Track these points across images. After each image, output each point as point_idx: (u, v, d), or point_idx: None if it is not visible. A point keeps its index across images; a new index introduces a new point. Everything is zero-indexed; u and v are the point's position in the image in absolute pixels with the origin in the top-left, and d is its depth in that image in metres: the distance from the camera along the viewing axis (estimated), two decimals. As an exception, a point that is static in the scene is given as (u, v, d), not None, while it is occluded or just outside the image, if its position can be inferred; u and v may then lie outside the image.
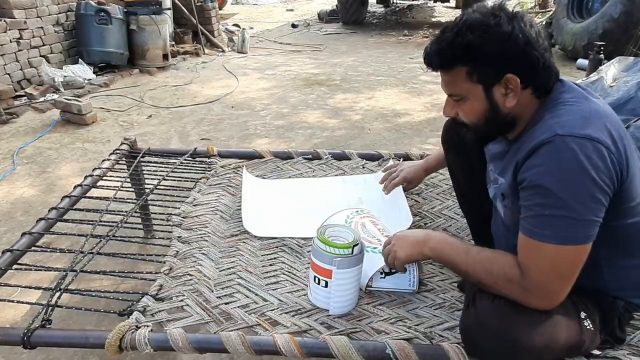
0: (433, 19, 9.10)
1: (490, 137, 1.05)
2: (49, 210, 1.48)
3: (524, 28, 0.89)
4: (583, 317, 0.93)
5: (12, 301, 1.21)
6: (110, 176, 1.76)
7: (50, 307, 1.12)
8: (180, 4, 6.01)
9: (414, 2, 10.53)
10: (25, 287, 1.25)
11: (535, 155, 0.86)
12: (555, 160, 0.83)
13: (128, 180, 1.78)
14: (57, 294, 1.15)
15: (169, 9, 5.83)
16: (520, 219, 0.90)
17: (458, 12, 8.81)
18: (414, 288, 1.19)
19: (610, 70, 3.37)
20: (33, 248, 1.35)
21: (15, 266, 1.28)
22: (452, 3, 9.96)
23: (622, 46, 4.39)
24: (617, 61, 3.44)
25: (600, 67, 3.66)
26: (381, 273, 1.19)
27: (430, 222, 1.54)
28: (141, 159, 1.86)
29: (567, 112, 0.87)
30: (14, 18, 4.16)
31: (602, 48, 4.08)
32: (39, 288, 1.23)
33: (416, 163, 1.61)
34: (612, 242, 0.92)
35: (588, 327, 0.93)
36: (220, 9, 7.81)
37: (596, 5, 5.48)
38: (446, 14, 9.62)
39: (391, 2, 10.47)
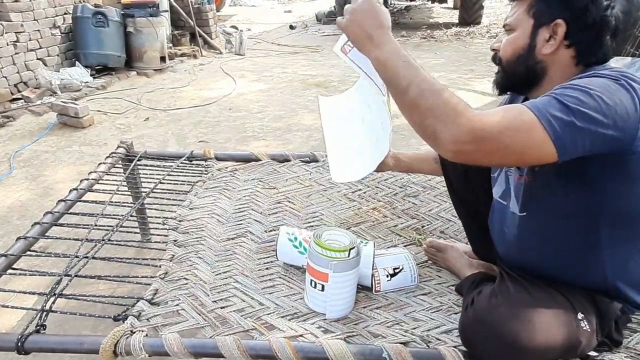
0: (431, 20, 9.11)
1: (515, 80, 1.00)
2: (44, 215, 1.48)
3: None
4: (580, 317, 0.93)
5: (7, 306, 1.21)
6: (107, 180, 1.76)
7: (45, 312, 1.11)
8: (177, 6, 6.01)
9: (411, 3, 10.55)
10: (20, 292, 1.25)
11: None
12: (587, 76, 0.84)
13: (124, 183, 1.77)
14: (52, 298, 1.14)
15: (166, 11, 5.83)
16: None
17: (456, 12, 8.82)
18: (416, 282, 1.24)
19: (607, 70, 3.39)
20: (28, 252, 1.35)
21: (10, 271, 1.27)
22: (450, 4, 9.99)
23: (620, 46, 4.39)
24: (614, 61, 3.45)
25: (597, 68, 3.67)
26: (386, 276, 1.21)
27: (427, 225, 1.53)
28: (137, 162, 1.85)
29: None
30: (11, 21, 4.15)
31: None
32: (33, 293, 1.23)
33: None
34: (618, 219, 0.91)
35: (585, 328, 0.92)
36: (217, 10, 7.80)
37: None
38: (444, 14, 9.64)
39: (389, 3, 10.48)
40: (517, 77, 0.99)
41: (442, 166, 1.36)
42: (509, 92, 1.10)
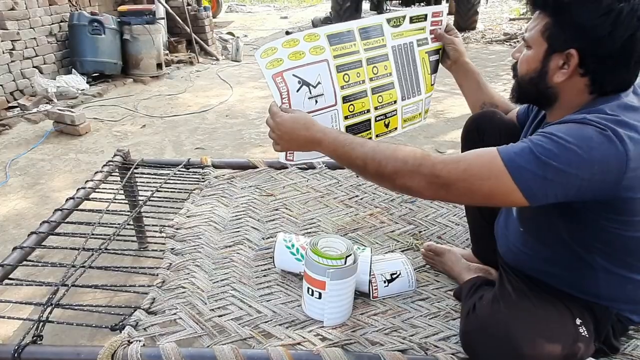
0: (426, 26, 9.14)
1: (527, 97, 1.02)
2: (40, 224, 1.47)
3: (626, 15, 0.80)
4: (578, 323, 0.93)
5: (3, 317, 1.20)
6: (103, 188, 1.75)
7: (42, 323, 1.10)
8: (174, 13, 6.03)
9: (407, 9, 10.60)
10: (16, 302, 1.24)
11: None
12: (570, 125, 0.82)
13: (121, 192, 1.77)
14: (49, 308, 1.14)
15: (163, 18, 5.84)
16: None
17: (451, 18, 8.87)
18: (414, 288, 1.24)
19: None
20: (24, 262, 1.34)
21: (6, 281, 1.26)
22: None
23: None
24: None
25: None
26: (384, 281, 1.21)
27: (424, 230, 1.53)
28: (134, 171, 1.85)
29: (610, 111, 0.84)
30: (7, 29, 4.15)
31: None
32: (30, 303, 1.22)
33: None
34: (611, 252, 0.91)
35: (583, 333, 0.93)
36: (214, 17, 7.83)
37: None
38: (439, 20, 9.68)
39: (385, 8, 10.53)
40: (530, 96, 0.99)
41: None
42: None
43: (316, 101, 1.11)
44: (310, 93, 1.10)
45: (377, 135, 1.26)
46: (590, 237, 0.91)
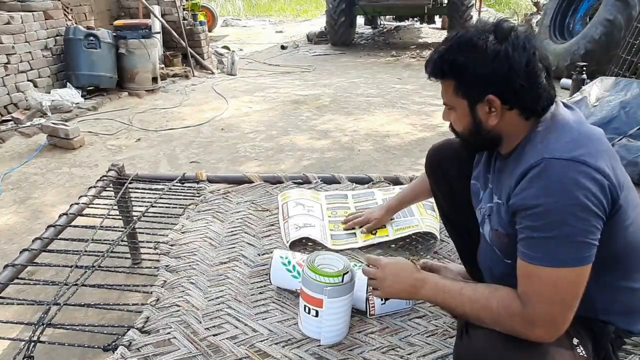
0: (420, 40, 9.27)
1: (476, 148, 1.09)
2: (32, 241, 1.45)
3: (513, 51, 0.88)
4: (575, 343, 0.92)
5: (-7, 337, 1.18)
6: (97, 204, 1.74)
7: (33, 343, 1.08)
8: (170, 28, 6.05)
9: (401, 24, 10.74)
10: (7, 322, 1.21)
11: (525, 179, 0.87)
12: (542, 182, 0.84)
13: (115, 207, 1.76)
14: (40, 328, 1.12)
15: (158, 32, 5.87)
16: (517, 243, 0.90)
17: (444, 33, 8.99)
18: (411, 305, 1.23)
19: (593, 89, 3.44)
20: (16, 280, 1.32)
21: (-4, 299, 1.24)
22: (438, 24, 10.19)
23: (604, 66, 4.49)
24: (599, 81, 3.51)
25: (583, 87, 3.74)
26: (381, 299, 1.19)
27: (421, 245, 1.53)
28: (129, 185, 1.84)
29: (556, 136, 0.89)
30: (2, 43, 4.15)
31: (584, 68, 4.17)
32: (20, 323, 1.20)
33: (378, 206, 1.64)
34: (599, 262, 0.90)
35: (581, 354, 0.92)
36: (209, 31, 7.88)
37: (577, 26, 5.64)
38: (432, 35, 9.81)
39: (379, 23, 10.67)
40: (479, 145, 1.05)
41: (432, 193, 1.38)
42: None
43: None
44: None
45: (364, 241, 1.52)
46: None
